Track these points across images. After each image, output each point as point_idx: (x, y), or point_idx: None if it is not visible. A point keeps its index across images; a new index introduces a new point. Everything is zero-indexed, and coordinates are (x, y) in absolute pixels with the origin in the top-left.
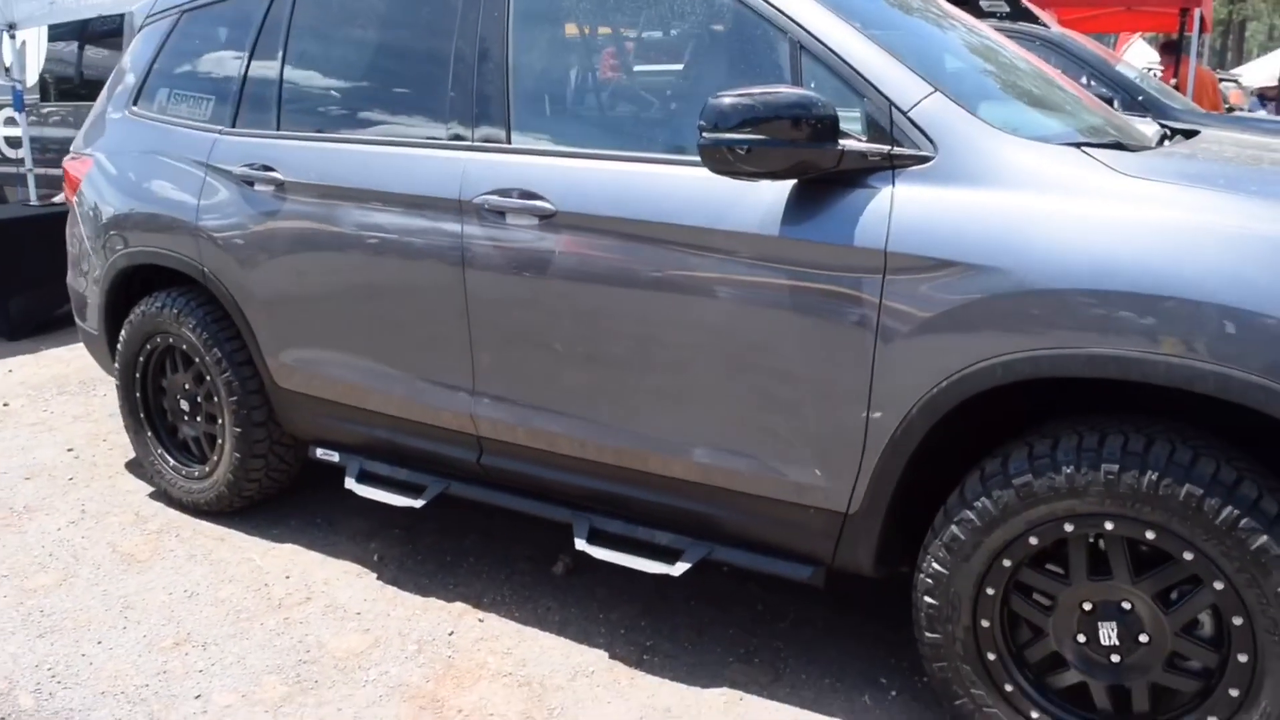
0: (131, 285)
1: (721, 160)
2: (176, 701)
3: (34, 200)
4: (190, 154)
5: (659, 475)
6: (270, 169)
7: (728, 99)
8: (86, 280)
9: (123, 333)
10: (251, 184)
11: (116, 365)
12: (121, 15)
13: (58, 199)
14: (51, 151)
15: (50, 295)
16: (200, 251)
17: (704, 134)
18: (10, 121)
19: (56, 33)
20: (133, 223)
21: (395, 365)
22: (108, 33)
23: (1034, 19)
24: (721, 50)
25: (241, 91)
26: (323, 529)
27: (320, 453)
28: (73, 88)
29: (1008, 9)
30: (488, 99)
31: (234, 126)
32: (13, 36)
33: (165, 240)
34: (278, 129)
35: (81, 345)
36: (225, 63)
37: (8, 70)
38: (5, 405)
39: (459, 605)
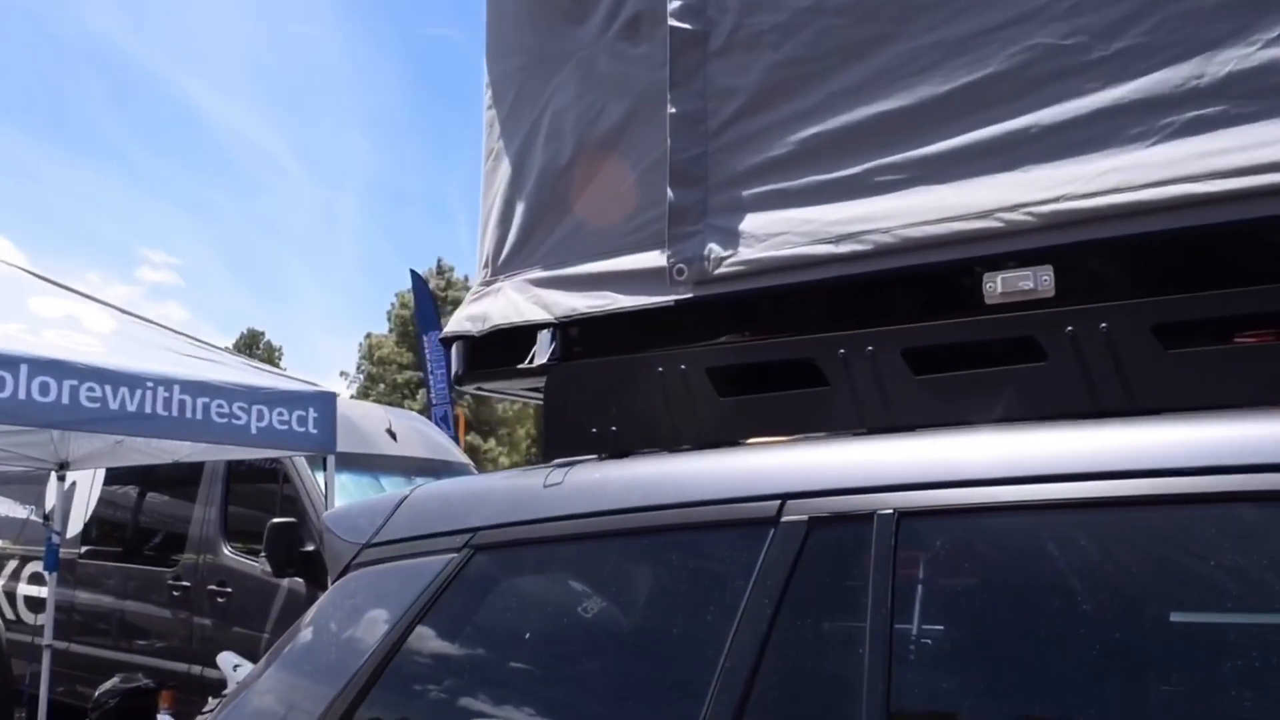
0: None
1: None
2: None
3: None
4: None
5: None
6: None
7: None
8: None
9: None
10: None
11: None
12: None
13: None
14: (79, 619)
15: None
16: None
17: None
18: (36, 578)
19: (115, 474)
20: None
21: None
22: (181, 480)
23: None
24: None
25: None
26: None
27: None
28: (124, 540)
29: None
30: None
31: None
32: (61, 479)
33: None
34: None
35: None
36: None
37: (46, 519)
38: None
39: None
